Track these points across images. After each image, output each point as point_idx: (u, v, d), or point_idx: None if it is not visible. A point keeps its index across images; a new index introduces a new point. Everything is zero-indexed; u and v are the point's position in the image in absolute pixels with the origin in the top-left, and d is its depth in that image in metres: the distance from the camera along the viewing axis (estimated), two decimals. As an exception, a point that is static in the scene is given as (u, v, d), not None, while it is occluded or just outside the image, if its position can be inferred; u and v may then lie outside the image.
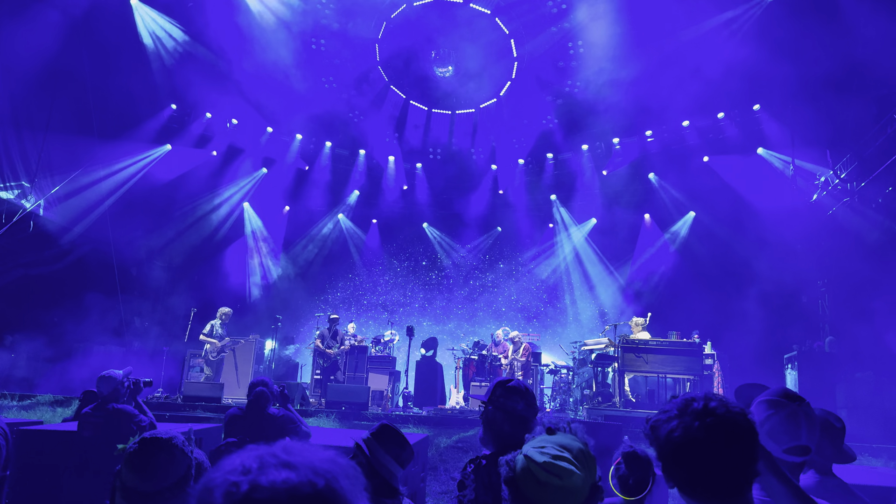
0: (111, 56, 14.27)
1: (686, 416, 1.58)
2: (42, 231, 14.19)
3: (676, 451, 1.58)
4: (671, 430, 1.60)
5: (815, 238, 14.30)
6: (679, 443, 1.57)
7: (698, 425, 1.56)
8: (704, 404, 1.59)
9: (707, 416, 1.56)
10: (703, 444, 1.54)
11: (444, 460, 8.92)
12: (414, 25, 16.70)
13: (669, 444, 1.59)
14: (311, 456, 0.94)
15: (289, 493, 0.87)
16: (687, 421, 1.57)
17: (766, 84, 14.30)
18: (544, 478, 1.73)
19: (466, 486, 2.83)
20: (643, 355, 11.85)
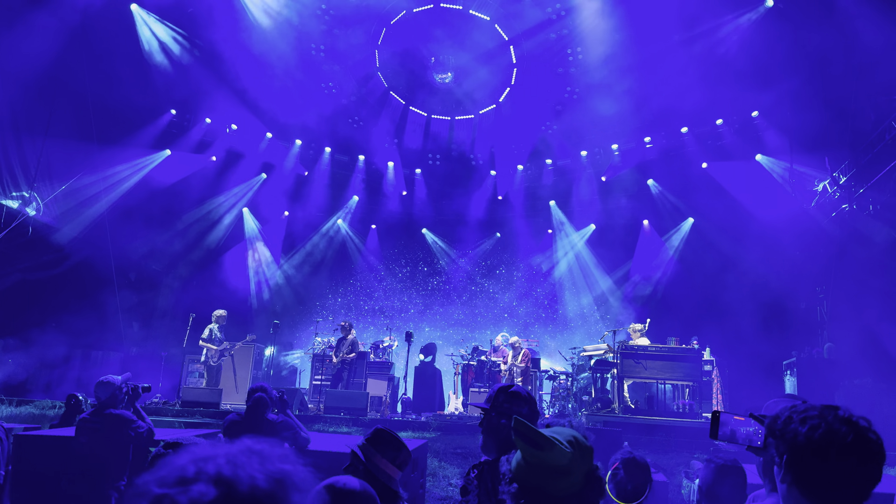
0: (111, 62, 14.28)
1: (830, 420, 1.61)
2: (41, 236, 14.18)
3: (815, 450, 1.59)
4: (813, 428, 1.61)
5: (813, 244, 14.32)
6: (821, 443, 1.59)
7: (846, 430, 1.58)
8: (850, 415, 1.62)
9: (853, 424, 1.60)
10: (849, 449, 1.57)
11: (444, 466, 8.90)
12: (413, 32, 16.75)
13: (809, 442, 1.60)
14: (254, 467, 0.89)
15: None
16: (833, 425, 1.60)
17: (764, 90, 14.33)
18: (530, 455, 1.73)
19: (469, 491, 2.84)
20: (642, 361, 11.84)
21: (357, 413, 11.58)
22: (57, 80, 13.57)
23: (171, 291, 16.99)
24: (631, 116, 16.39)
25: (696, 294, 16.16)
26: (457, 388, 14.64)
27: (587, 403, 13.12)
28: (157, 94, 16.09)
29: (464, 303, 20.84)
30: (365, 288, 21.38)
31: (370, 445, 3.11)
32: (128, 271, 16.20)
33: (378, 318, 20.54)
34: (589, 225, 19.95)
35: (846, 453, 1.56)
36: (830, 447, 1.57)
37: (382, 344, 15.73)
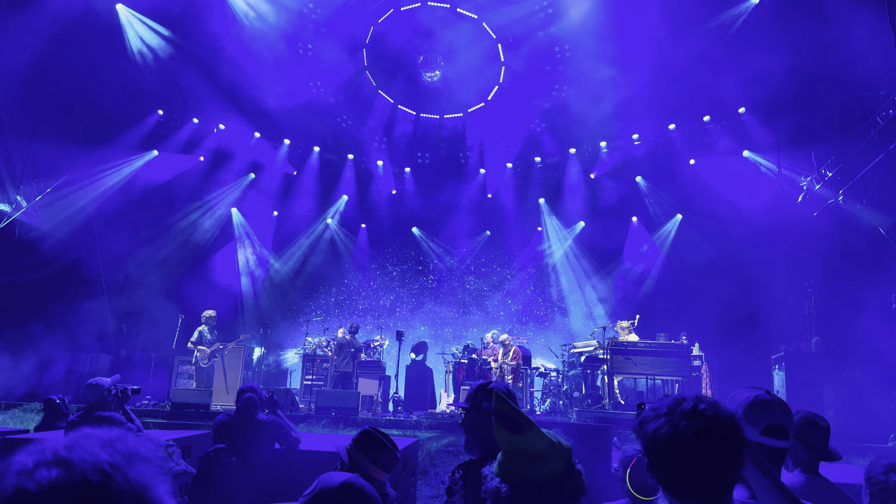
0: (96, 62, 14.17)
1: (674, 415, 1.59)
2: (27, 238, 14.07)
3: (662, 448, 1.59)
4: (658, 427, 1.60)
5: (801, 239, 14.43)
6: (664, 441, 1.58)
7: (685, 425, 1.56)
8: (693, 405, 1.59)
9: (695, 417, 1.57)
10: (689, 445, 1.55)
11: (435, 464, 8.91)
12: (401, 30, 16.72)
13: (655, 441, 1.60)
14: (94, 447, 0.89)
15: (56, 494, 0.82)
16: (675, 420, 1.58)
17: (751, 87, 14.41)
18: (508, 444, 1.76)
19: (455, 491, 2.84)
20: (632, 357, 11.90)
21: (348, 412, 11.57)
22: (42, 80, 13.47)
23: (159, 293, 16.88)
24: (619, 114, 16.43)
25: (684, 290, 16.24)
26: (448, 386, 14.66)
27: (578, 400, 13.17)
28: (143, 95, 15.99)
29: (454, 301, 20.85)
30: (355, 287, 21.36)
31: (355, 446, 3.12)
32: (116, 273, 16.10)
33: (369, 317, 20.53)
34: (578, 222, 20.00)
35: (691, 447, 1.54)
36: (675, 444, 1.56)
37: (373, 343, 15.73)
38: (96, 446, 0.90)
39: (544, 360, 16.36)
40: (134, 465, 0.90)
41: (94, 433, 0.93)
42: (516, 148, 19.92)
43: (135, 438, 0.95)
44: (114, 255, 15.84)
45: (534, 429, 1.76)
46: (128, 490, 0.86)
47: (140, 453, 0.92)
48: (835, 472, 3.62)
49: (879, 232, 12.23)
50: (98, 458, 0.88)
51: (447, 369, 14.91)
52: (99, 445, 0.90)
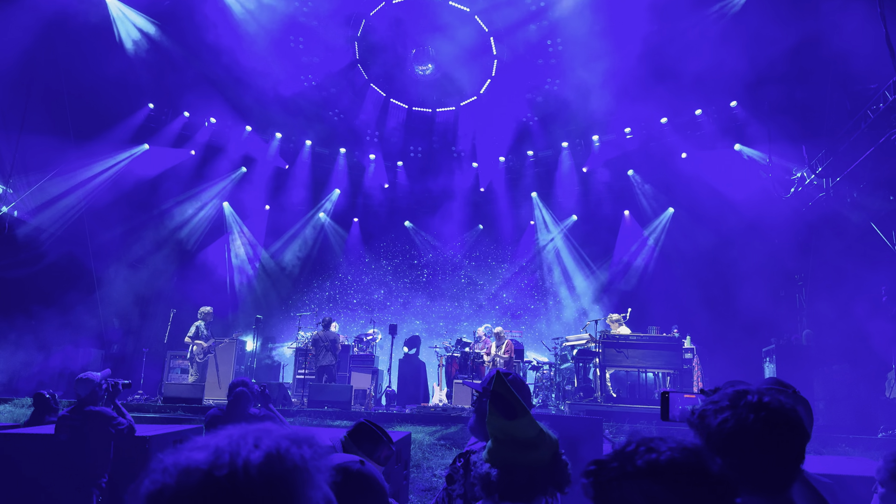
0: (86, 55, 14.05)
1: (740, 408, 1.60)
2: (17, 233, 13.99)
3: (727, 441, 1.59)
4: (723, 420, 1.61)
5: (792, 232, 14.49)
6: (731, 434, 1.58)
7: (753, 418, 1.57)
8: (759, 398, 1.61)
9: (761, 409, 1.58)
10: (756, 437, 1.56)
11: (427, 457, 8.93)
12: (393, 23, 16.67)
13: (720, 434, 1.60)
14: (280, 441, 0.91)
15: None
16: (741, 413, 1.59)
17: (742, 80, 14.44)
18: (500, 431, 1.81)
19: (455, 480, 2.86)
20: (624, 350, 11.96)
21: (341, 406, 11.57)
22: (31, 74, 13.36)
23: (151, 287, 16.82)
24: (611, 107, 16.44)
25: (676, 283, 16.31)
26: (441, 380, 14.68)
27: (570, 393, 13.21)
28: (134, 88, 15.87)
29: (447, 295, 20.87)
30: (348, 281, 21.33)
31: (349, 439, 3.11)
32: (107, 267, 16.02)
33: (361, 310, 20.52)
34: (571, 216, 20.03)
35: (753, 439, 1.56)
36: (739, 435, 1.57)
37: (366, 337, 15.73)
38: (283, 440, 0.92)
39: (536, 353, 16.41)
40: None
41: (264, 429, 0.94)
42: (509, 141, 19.90)
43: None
44: (105, 250, 15.76)
45: (527, 416, 1.79)
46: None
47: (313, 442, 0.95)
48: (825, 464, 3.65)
49: (870, 225, 12.30)
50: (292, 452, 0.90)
51: (440, 363, 14.92)
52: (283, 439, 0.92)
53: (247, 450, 0.86)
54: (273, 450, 0.87)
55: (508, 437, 1.79)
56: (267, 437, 0.89)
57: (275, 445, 0.87)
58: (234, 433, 0.90)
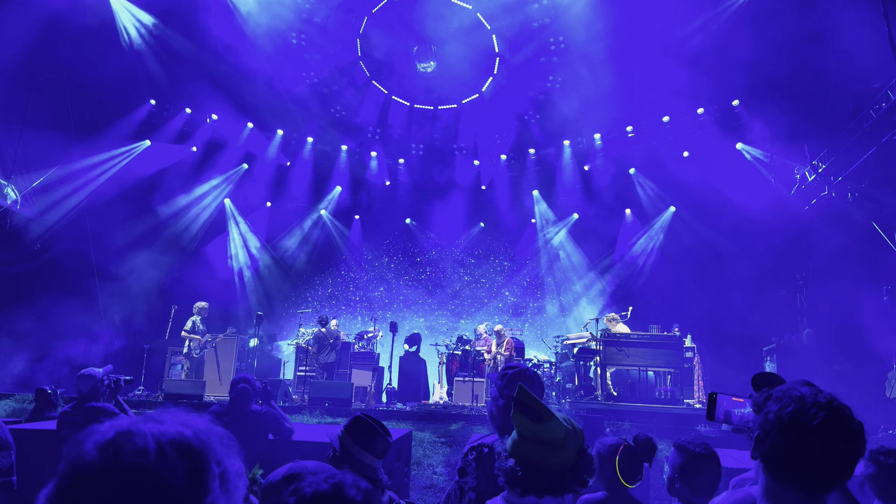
0: (88, 51, 14.03)
1: (806, 401, 1.58)
2: (19, 228, 13.99)
3: (783, 427, 1.58)
4: (785, 406, 1.59)
5: (793, 231, 14.49)
6: (787, 421, 1.57)
7: (815, 413, 1.55)
8: (829, 399, 1.59)
9: (827, 409, 1.56)
10: (812, 432, 1.54)
11: (428, 455, 8.94)
12: (395, 20, 16.64)
13: (778, 418, 1.59)
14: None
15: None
16: (806, 406, 1.57)
17: (744, 79, 14.43)
18: (527, 430, 1.81)
19: (468, 472, 2.89)
20: (624, 349, 11.96)
21: (342, 403, 11.58)
22: (33, 69, 13.37)
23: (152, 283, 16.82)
24: (613, 106, 16.43)
25: (677, 282, 16.29)
26: (441, 377, 14.69)
27: (571, 391, 13.22)
28: (136, 84, 15.89)
29: (448, 292, 20.87)
30: (349, 278, 21.34)
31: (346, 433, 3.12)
32: (108, 263, 16.03)
33: (362, 308, 20.53)
34: (572, 214, 20.02)
35: (812, 436, 1.53)
36: (797, 427, 1.55)
37: (367, 334, 15.74)
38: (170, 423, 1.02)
39: (537, 351, 16.41)
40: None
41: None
42: (510, 139, 19.90)
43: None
44: (106, 245, 15.77)
45: (553, 419, 1.79)
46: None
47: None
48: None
49: (871, 224, 12.29)
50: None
51: (440, 360, 14.93)
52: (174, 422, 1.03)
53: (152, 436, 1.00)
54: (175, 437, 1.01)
55: (535, 436, 1.80)
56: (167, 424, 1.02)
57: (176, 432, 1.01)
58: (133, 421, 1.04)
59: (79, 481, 0.95)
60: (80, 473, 0.95)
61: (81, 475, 0.95)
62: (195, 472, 0.98)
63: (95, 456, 0.95)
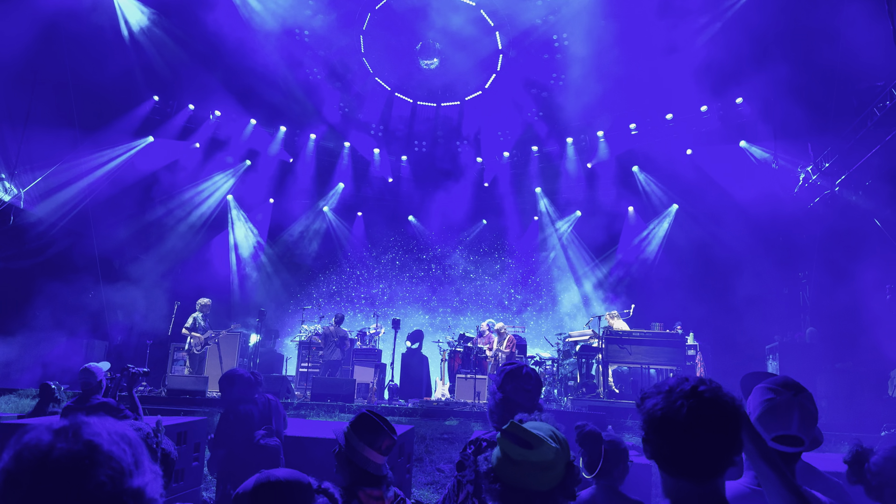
0: (92, 47, 14.04)
1: (673, 394, 1.63)
2: (23, 224, 14.02)
3: (657, 425, 1.63)
4: (655, 404, 1.65)
5: (796, 230, 14.46)
6: (659, 418, 1.62)
7: (680, 405, 1.60)
8: (693, 386, 1.63)
9: (692, 397, 1.60)
10: (681, 424, 1.58)
11: (430, 451, 8.95)
12: (399, 17, 16.63)
13: (651, 417, 1.65)
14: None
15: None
16: (672, 399, 1.62)
17: (748, 77, 14.40)
18: (517, 454, 1.77)
19: (466, 466, 2.91)
20: (626, 346, 11.95)
21: (344, 400, 11.60)
22: (36, 66, 13.37)
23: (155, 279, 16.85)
24: (616, 103, 16.41)
25: (680, 279, 16.27)
26: (443, 374, 14.70)
27: (573, 388, 13.23)
28: (139, 81, 15.91)
29: (450, 290, 20.87)
30: (351, 275, 21.35)
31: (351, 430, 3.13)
32: (112, 259, 16.06)
33: (364, 305, 20.55)
34: (575, 211, 20.01)
35: (683, 426, 1.58)
36: (668, 421, 1.60)
37: (369, 331, 15.75)
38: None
39: (539, 348, 16.41)
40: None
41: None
42: (513, 137, 19.89)
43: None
44: (109, 242, 15.80)
45: (543, 444, 1.77)
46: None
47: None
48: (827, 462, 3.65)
49: (875, 222, 12.27)
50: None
51: (442, 357, 14.94)
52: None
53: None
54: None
55: (525, 460, 1.77)
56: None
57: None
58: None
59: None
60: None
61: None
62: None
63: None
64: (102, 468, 1.03)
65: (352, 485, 2.99)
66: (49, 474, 1.00)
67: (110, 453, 1.05)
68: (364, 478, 3.02)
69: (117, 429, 1.11)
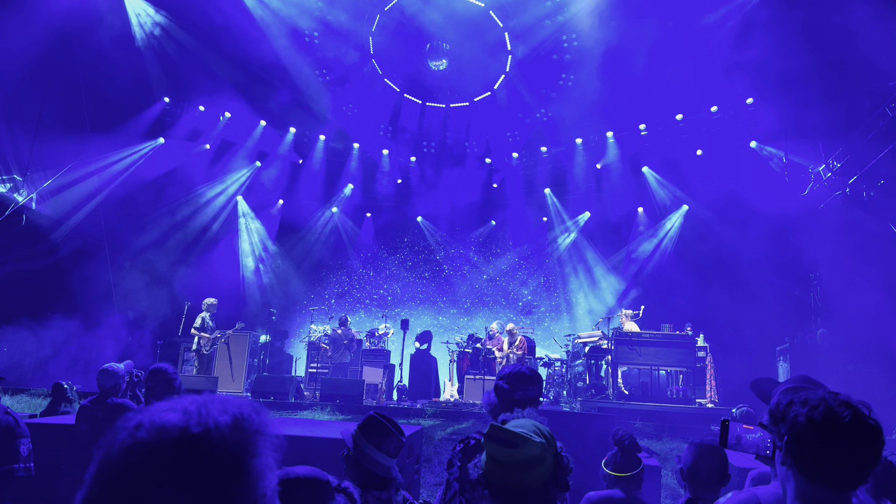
0: (103, 49, 14.14)
1: (833, 403, 1.67)
2: (34, 225, 14.14)
3: (828, 431, 1.64)
4: (813, 408, 1.68)
5: (807, 230, 14.36)
6: (832, 424, 1.64)
7: (844, 412, 1.65)
8: (848, 398, 1.69)
9: (850, 407, 1.66)
10: (846, 431, 1.62)
11: (439, 452, 8.96)
12: (408, 18, 16.65)
13: (822, 423, 1.65)
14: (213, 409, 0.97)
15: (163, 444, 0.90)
16: (835, 408, 1.66)
17: (758, 77, 14.32)
18: (503, 456, 1.76)
19: (454, 464, 2.93)
20: (636, 348, 11.92)
21: (353, 400, 11.61)
22: (48, 68, 13.47)
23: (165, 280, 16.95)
24: (626, 103, 16.37)
25: (689, 280, 16.20)
26: (452, 375, 14.70)
27: (582, 390, 13.20)
28: (149, 82, 16.02)
29: (459, 290, 20.89)
30: (360, 276, 21.40)
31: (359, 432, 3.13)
32: (122, 260, 16.17)
33: (373, 305, 20.58)
34: (584, 212, 19.97)
35: (844, 433, 1.61)
36: (830, 426, 1.63)
37: (378, 331, 15.78)
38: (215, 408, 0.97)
39: (548, 350, 16.39)
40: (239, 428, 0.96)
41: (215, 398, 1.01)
42: (522, 138, 19.88)
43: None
44: (120, 242, 15.91)
45: (527, 442, 1.77)
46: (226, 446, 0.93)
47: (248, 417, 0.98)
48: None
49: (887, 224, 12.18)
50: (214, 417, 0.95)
51: (451, 358, 14.94)
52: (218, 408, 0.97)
53: (216, 413, 0.93)
54: (238, 414, 0.94)
55: (511, 459, 1.76)
56: (230, 404, 0.97)
57: (239, 411, 0.95)
58: (197, 399, 0.98)
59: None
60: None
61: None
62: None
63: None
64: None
65: (360, 487, 3.00)
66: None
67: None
68: (372, 480, 3.02)
69: None
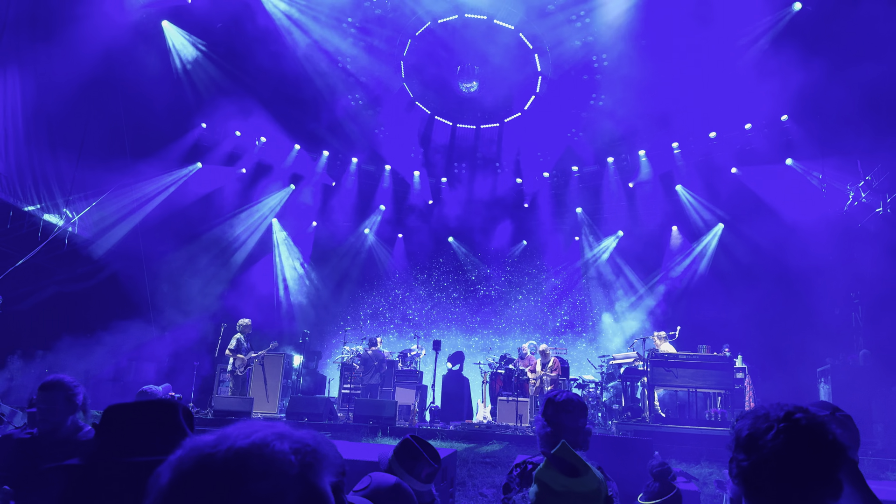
0: (143, 77, 14.60)
1: (775, 419, 1.58)
2: (76, 249, 14.51)
3: (742, 444, 1.60)
4: (753, 426, 1.61)
5: (846, 249, 14.07)
6: (745, 437, 1.60)
7: (783, 428, 1.55)
8: (789, 412, 1.58)
9: (784, 421, 1.56)
10: (786, 447, 1.54)
11: (472, 475, 8.89)
12: (438, 42, 16.84)
13: (737, 437, 1.62)
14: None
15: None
16: (764, 421, 1.59)
17: (793, 94, 14.16)
18: (561, 485, 1.73)
19: (511, 488, 2.94)
20: (672, 369, 11.74)
21: (386, 422, 11.62)
22: (91, 97, 13.89)
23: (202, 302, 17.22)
24: (658, 122, 16.28)
25: (727, 300, 15.93)
26: (485, 396, 14.63)
27: (617, 412, 13.03)
28: (187, 109, 16.43)
29: (491, 311, 20.83)
30: (392, 297, 21.49)
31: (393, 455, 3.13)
32: (161, 282, 16.48)
33: (405, 326, 20.63)
34: (617, 232, 19.82)
35: (767, 448, 1.53)
36: (752, 441, 1.56)
37: (410, 352, 15.80)
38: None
39: (582, 371, 16.23)
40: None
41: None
42: (553, 157, 19.86)
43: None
44: (158, 265, 16.23)
45: (589, 472, 1.74)
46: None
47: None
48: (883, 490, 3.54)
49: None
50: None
51: (484, 379, 14.88)
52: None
53: (240, 437, 0.97)
54: (259, 440, 0.97)
55: (568, 490, 1.71)
56: (263, 429, 1.00)
57: (262, 437, 0.97)
58: (248, 425, 1.02)
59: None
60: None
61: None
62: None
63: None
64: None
65: None
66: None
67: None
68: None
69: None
